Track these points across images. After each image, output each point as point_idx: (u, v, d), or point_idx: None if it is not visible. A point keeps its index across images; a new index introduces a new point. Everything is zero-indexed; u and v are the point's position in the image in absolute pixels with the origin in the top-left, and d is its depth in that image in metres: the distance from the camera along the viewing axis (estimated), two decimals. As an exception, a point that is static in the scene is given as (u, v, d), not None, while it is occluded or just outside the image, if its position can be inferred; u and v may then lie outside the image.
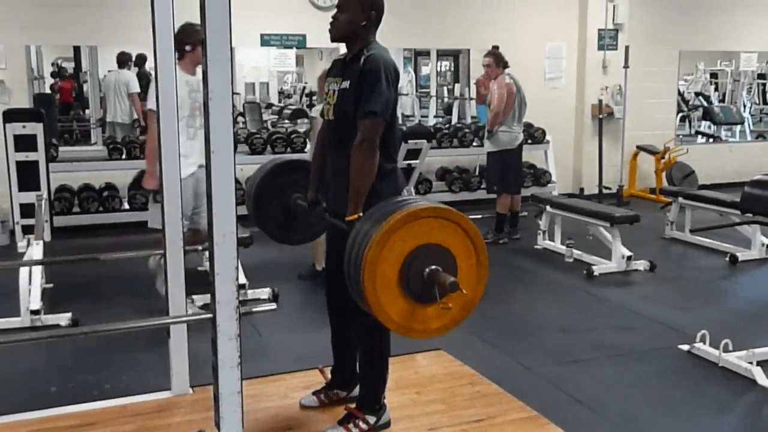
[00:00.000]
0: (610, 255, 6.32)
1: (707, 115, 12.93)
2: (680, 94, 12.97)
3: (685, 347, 4.46)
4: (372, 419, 3.34)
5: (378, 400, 3.37)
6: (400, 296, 2.63)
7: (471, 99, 11.53)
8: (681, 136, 11.85)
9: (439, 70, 14.66)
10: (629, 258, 6.26)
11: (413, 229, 2.63)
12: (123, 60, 10.27)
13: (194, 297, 4.97)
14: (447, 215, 2.70)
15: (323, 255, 5.02)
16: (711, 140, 12.65)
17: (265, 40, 8.47)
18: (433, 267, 2.62)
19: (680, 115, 13.14)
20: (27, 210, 5.64)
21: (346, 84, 3.18)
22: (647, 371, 4.24)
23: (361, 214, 2.96)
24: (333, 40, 3.27)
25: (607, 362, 4.40)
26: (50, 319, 4.93)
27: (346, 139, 3.13)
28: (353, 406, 3.40)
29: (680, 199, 7.47)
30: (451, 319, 2.76)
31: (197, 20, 2.21)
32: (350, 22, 3.19)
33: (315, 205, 3.45)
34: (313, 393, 3.65)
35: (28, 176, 5.64)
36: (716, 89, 15.80)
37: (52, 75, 14.41)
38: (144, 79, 11.16)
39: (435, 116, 13.38)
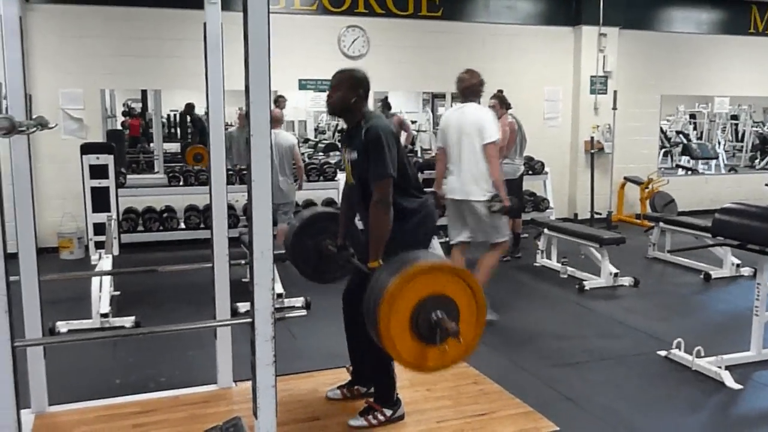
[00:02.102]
0: (600, 272, 6.28)
1: (686, 150, 12.83)
2: (663, 132, 12.89)
3: (663, 353, 4.42)
4: (389, 412, 3.35)
5: (392, 396, 3.38)
6: (410, 337, 2.61)
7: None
8: (663, 169, 11.75)
9: (453, 110, 14.66)
10: (616, 275, 6.22)
11: (425, 280, 2.62)
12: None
13: (238, 305, 5.01)
14: (458, 273, 2.69)
15: None
16: (689, 173, 12.53)
17: (303, 85, 8.56)
18: (440, 312, 2.59)
19: (663, 150, 13.04)
20: (99, 228, 5.70)
21: (354, 155, 3.25)
22: (629, 373, 4.20)
23: (380, 261, 3.00)
24: (330, 113, 3.39)
25: (595, 365, 4.37)
26: (117, 321, 4.99)
27: (368, 197, 3.20)
28: (372, 400, 3.41)
29: (661, 223, 7.43)
30: (451, 360, 2.74)
31: (240, 69, 2.26)
32: (343, 100, 3.23)
33: (342, 250, 3.51)
34: (338, 387, 3.67)
35: (100, 200, 5.70)
36: (695, 128, 15.71)
37: (123, 114, 14.65)
38: (199, 123, 11.39)
39: (449, 150, 13.36)
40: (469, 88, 5.01)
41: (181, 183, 7.96)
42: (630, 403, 3.76)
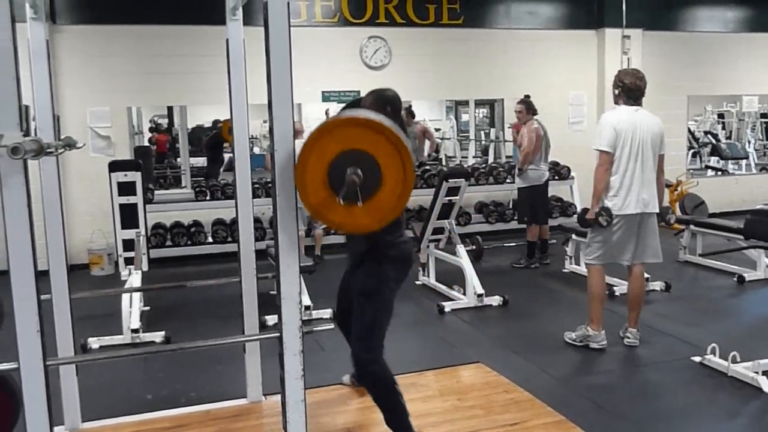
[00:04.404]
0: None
1: (715, 151, 12.64)
2: (691, 132, 12.71)
3: (697, 359, 4.34)
4: None
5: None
6: (323, 187, 2.38)
7: (505, 141, 11.48)
8: (692, 171, 11.59)
9: (477, 116, 14.65)
10: (647, 279, 6.11)
11: (348, 134, 2.41)
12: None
13: (266, 317, 5.03)
14: (380, 128, 2.41)
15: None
16: (719, 173, 12.35)
17: (326, 96, 8.59)
18: (354, 168, 2.35)
19: (691, 151, 12.88)
20: (128, 245, 5.76)
21: None
22: (663, 380, 4.13)
23: None
24: None
25: (627, 372, 4.31)
26: (147, 336, 5.04)
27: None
28: None
29: (692, 226, 7.33)
30: (357, 223, 2.48)
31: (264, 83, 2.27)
32: None
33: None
34: (351, 375, 3.80)
35: (128, 216, 5.75)
36: (723, 128, 15.49)
37: (150, 130, 14.86)
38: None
39: (474, 156, 13.34)
40: (640, 90, 4.66)
41: (207, 197, 8.03)
42: (664, 410, 3.69)
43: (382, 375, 3.12)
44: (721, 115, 15.68)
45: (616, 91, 4.71)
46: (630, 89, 4.63)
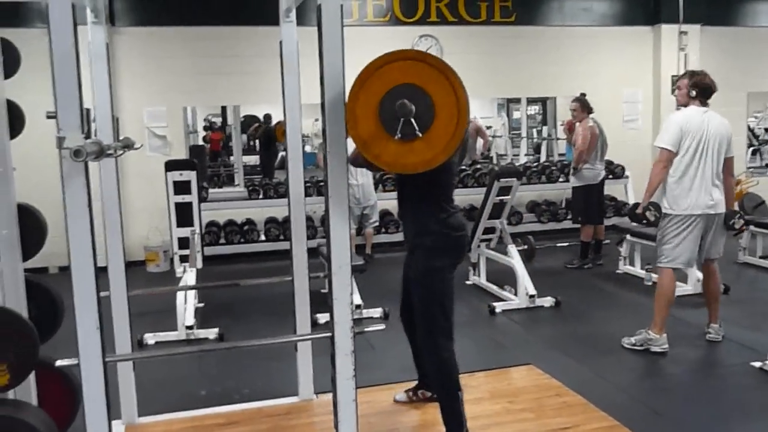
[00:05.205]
0: (686, 279, 6.04)
1: (777, 149, 12.24)
2: (750, 130, 12.33)
3: (758, 364, 4.19)
4: None
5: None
6: (374, 119, 2.39)
7: (558, 139, 11.29)
8: (752, 169, 11.24)
9: (529, 114, 14.46)
10: (704, 281, 5.97)
11: (395, 69, 2.40)
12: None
13: (318, 316, 5.06)
14: (424, 58, 2.42)
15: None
16: (781, 172, 11.94)
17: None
18: (405, 101, 2.33)
19: (751, 149, 12.48)
20: (183, 242, 5.89)
21: None
22: (721, 386, 4.01)
23: None
24: None
25: (684, 377, 4.19)
26: (201, 333, 5.11)
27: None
28: None
29: (752, 227, 7.10)
30: (410, 162, 2.43)
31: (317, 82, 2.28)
32: None
33: None
34: (405, 391, 3.72)
35: (184, 215, 5.89)
36: (785, 125, 14.99)
37: (205, 128, 15.12)
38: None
39: (525, 155, 13.18)
40: (713, 91, 4.61)
41: (260, 196, 8.13)
42: (722, 417, 3.58)
43: (447, 362, 3.12)
44: (783, 112, 15.18)
45: (693, 93, 4.59)
46: (705, 91, 4.58)
